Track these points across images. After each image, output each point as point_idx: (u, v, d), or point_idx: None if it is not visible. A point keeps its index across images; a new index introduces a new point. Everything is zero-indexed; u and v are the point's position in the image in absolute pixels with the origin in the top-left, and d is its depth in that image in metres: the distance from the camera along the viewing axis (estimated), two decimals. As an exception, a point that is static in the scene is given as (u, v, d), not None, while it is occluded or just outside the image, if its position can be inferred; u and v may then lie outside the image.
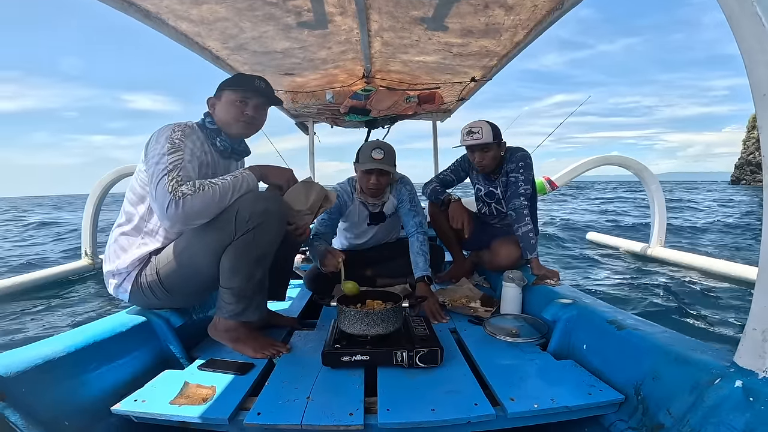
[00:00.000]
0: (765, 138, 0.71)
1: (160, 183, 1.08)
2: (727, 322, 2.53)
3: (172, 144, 1.15)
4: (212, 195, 1.11)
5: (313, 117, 3.36)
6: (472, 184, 2.17)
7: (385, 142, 1.78)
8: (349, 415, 0.93)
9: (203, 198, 1.10)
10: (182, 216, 1.08)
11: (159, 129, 1.22)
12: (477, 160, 1.93)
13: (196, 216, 1.11)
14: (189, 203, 1.07)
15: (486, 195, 2.06)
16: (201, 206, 1.10)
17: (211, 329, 1.31)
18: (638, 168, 4.37)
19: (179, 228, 1.12)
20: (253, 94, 1.32)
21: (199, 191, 1.09)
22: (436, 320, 1.59)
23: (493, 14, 1.56)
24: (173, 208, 1.06)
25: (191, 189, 1.09)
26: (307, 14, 1.57)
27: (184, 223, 1.11)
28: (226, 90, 1.32)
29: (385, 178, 1.77)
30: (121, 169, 4.15)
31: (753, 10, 0.69)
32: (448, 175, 2.15)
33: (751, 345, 0.76)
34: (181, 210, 1.07)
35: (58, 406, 0.92)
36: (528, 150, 1.96)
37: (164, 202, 1.06)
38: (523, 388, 1.06)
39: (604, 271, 4.20)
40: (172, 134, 1.18)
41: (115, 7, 1.39)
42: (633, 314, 1.25)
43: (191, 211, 1.08)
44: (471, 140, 1.87)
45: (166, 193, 1.06)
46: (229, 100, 1.31)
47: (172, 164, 1.11)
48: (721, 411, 0.76)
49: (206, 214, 1.13)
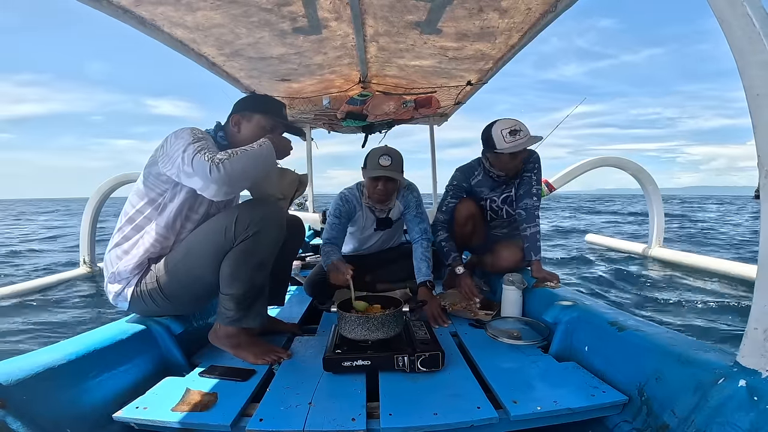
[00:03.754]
0: (760, 138, 0.72)
1: (195, 159, 1.09)
2: (729, 322, 2.53)
3: (193, 137, 1.16)
4: (247, 156, 1.13)
5: (310, 123, 3.37)
6: (479, 199, 1.96)
7: (393, 149, 1.78)
8: (351, 421, 0.93)
9: (240, 160, 1.11)
10: (226, 177, 1.08)
11: (175, 131, 1.22)
12: (516, 164, 1.76)
13: (240, 176, 1.11)
14: (229, 165, 1.08)
15: (502, 201, 1.93)
16: (241, 167, 1.11)
17: (211, 336, 1.31)
18: (636, 169, 4.39)
19: (226, 192, 1.11)
20: (282, 126, 1.35)
21: (233, 155, 1.11)
22: (438, 324, 1.59)
23: (488, 17, 1.57)
24: (216, 171, 1.06)
25: (226, 155, 1.10)
26: (302, 20, 1.58)
27: (231, 185, 1.10)
28: (260, 115, 1.32)
29: (392, 184, 1.78)
30: (120, 177, 4.15)
31: (743, 11, 0.70)
32: (452, 202, 1.96)
33: (753, 344, 0.76)
34: (224, 172, 1.07)
35: (60, 414, 0.91)
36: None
37: (205, 169, 1.06)
38: (526, 390, 1.06)
39: (603, 272, 4.21)
40: (192, 131, 1.19)
41: (110, 14, 1.39)
42: (633, 315, 1.25)
43: (234, 172, 1.09)
44: (522, 141, 1.66)
45: (205, 162, 1.07)
46: (260, 124, 1.32)
47: (200, 147, 1.12)
48: (725, 411, 0.76)
49: (247, 176, 1.13)
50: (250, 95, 1.60)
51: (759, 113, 0.71)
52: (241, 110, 1.34)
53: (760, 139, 0.72)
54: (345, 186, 2.01)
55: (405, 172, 1.85)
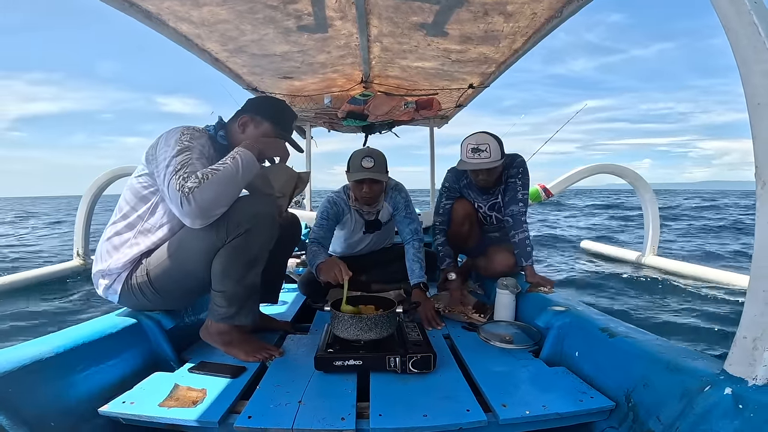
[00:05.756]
0: (759, 147, 0.72)
1: (170, 185, 1.06)
2: (718, 330, 2.55)
3: (181, 146, 1.14)
4: (218, 181, 1.08)
5: (311, 121, 3.37)
6: (469, 201, 1.99)
7: (375, 149, 1.76)
8: (341, 420, 0.93)
9: (210, 186, 1.07)
10: (197, 210, 1.05)
11: (168, 131, 1.20)
12: (482, 178, 1.78)
13: (212, 205, 1.08)
14: (198, 196, 1.05)
15: (489, 208, 1.96)
16: (213, 195, 1.07)
17: (203, 332, 1.30)
18: (632, 177, 4.41)
19: (201, 223, 1.09)
20: (287, 137, 1.37)
21: (203, 181, 1.06)
22: (431, 326, 1.59)
23: (493, 21, 1.57)
24: (186, 204, 1.04)
25: (196, 182, 1.06)
26: (308, 18, 1.58)
27: (204, 216, 1.08)
28: (270, 124, 1.33)
29: (377, 186, 1.76)
30: (116, 170, 4.12)
31: (750, 20, 0.70)
32: (448, 203, 1.98)
33: (741, 353, 0.76)
34: (194, 204, 1.04)
35: (45, 407, 0.90)
36: (524, 157, 1.94)
37: (177, 201, 1.05)
38: (516, 394, 1.06)
39: (597, 279, 4.22)
40: (181, 137, 1.16)
41: (116, 7, 1.39)
42: (625, 322, 1.25)
43: (204, 203, 1.06)
44: (479, 161, 1.69)
45: (176, 192, 1.05)
46: (265, 133, 1.32)
47: (180, 163, 1.09)
48: (710, 418, 0.76)
49: (223, 202, 1.11)
50: (265, 98, 1.54)
51: (759, 123, 0.71)
52: (252, 113, 1.32)
53: (759, 149, 0.72)
54: (346, 182, 1.97)
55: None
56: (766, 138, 0.71)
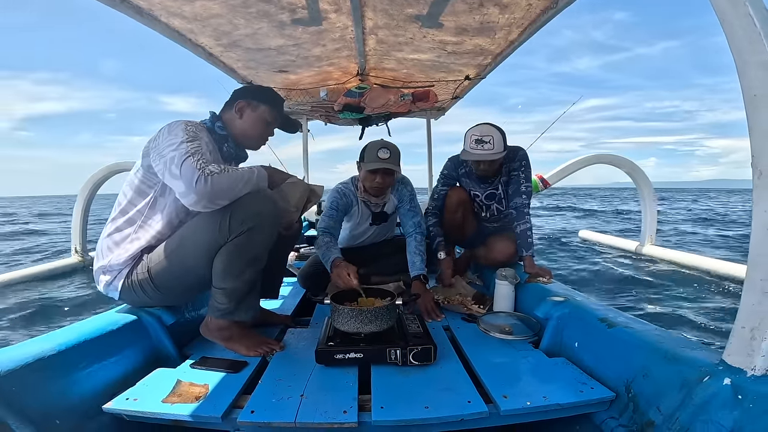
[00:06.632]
0: (755, 139, 0.72)
1: (185, 162, 1.08)
2: (717, 320, 2.57)
3: (188, 134, 1.16)
4: (236, 178, 1.14)
5: (307, 114, 3.35)
6: (464, 189, 2.01)
7: (391, 142, 1.76)
8: (343, 413, 0.93)
9: (229, 178, 1.12)
10: (210, 192, 1.08)
11: (169, 124, 1.22)
12: (483, 168, 1.81)
13: (221, 194, 1.11)
14: (217, 180, 1.09)
15: (486, 197, 1.98)
16: (227, 185, 1.11)
17: (203, 328, 1.30)
18: (629, 167, 4.42)
19: (204, 206, 1.11)
20: (280, 118, 1.41)
21: (224, 172, 1.12)
22: (431, 318, 1.60)
23: (488, 12, 1.56)
24: (202, 183, 1.07)
25: (218, 169, 1.11)
26: (302, 11, 1.56)
27: (210, 200, 1.11)
28: (266, 106, 1.35)
29: (390, 177, 1.77)
30: (111, 166, 4.10)
31: (745, 11, 0.70)
32: (443, 190, 2.01)
33: (740, 343, 0.77)
34: (210, 186, 1.08)
35: (49, 405, 0.91)
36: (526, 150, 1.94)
37: (193, 177, 1.07)
38: (516, 385, 1.07)
39: (595, 268, 4.25)
40: (186, 127, 1.19)
41: (106, 3, 1.37)
42: (624, 312, 1.26)
43: (218, 189, 1.10)
44: (482, 152, 1.71)
45: (195, 170, 1.07)
46: (262, 117, 1.35)
47: (193, 149, 1.12)
48: (709, 408, 0.77)
49: (230, 195, 1.14)
50: (254, 85, 1.60)
51: (755, 114, 0.71)
52: (247, 98, 1.35)
53: (755, 139, 0.72)
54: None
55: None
56: (763, 129, 0.71)
